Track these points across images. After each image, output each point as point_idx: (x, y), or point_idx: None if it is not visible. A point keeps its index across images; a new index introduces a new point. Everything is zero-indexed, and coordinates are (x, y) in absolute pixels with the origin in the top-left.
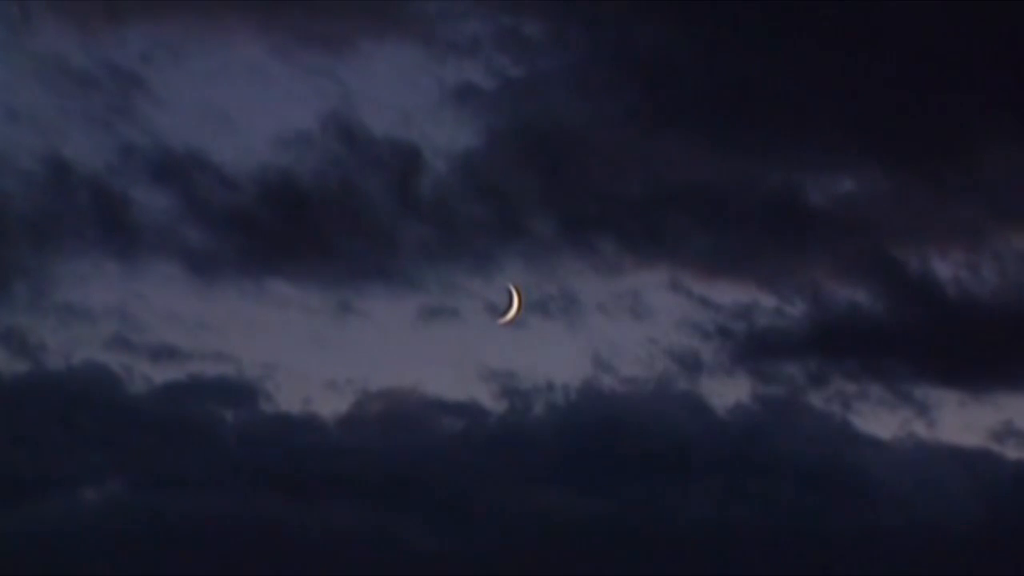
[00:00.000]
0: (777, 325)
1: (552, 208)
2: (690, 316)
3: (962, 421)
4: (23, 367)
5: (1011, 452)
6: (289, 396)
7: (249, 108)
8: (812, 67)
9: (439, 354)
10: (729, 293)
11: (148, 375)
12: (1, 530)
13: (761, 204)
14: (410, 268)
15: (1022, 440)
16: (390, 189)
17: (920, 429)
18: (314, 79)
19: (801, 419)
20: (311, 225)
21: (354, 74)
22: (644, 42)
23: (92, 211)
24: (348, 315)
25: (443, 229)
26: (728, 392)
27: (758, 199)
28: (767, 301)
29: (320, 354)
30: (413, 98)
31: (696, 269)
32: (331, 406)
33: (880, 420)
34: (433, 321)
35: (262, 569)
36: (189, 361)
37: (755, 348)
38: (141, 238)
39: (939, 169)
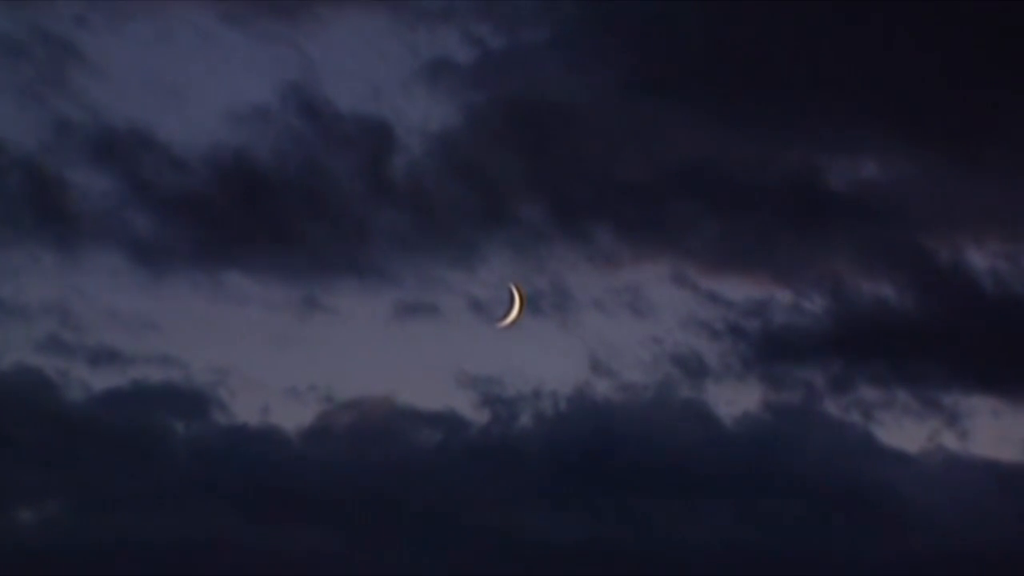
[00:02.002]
0: (794, 323)
1: (541, 193)
2: (696, 314)
3: (997, 432)
4: None
5: None
6: (246, 405)
7: (199, 80)
8: (831, 34)
9: (415, 357)
10: (740, 288)
11: (87, 381)
12: None
13: (775, 188)
14: (383, 260)
15: None
16: (359, 171)
17: (950, 441)
18: (271, 48)
19: (818, 430)
20: (270, 211)
21: (316, 42)
22: (641, 7)
23: (24, 196)
24: (313, 313)
25: (419, 216)
26: (736, 400)
27: (772, 182)
28: (782, 297)
29: (281, 357)
30: (382, 70)
31: (703, 261)
32: (293, 416)
33: (906, 431)
34: (409, 320)
35: None
36: (133, 365)
37: (768, 350)
38: (79, 226)
39: (973, 150)
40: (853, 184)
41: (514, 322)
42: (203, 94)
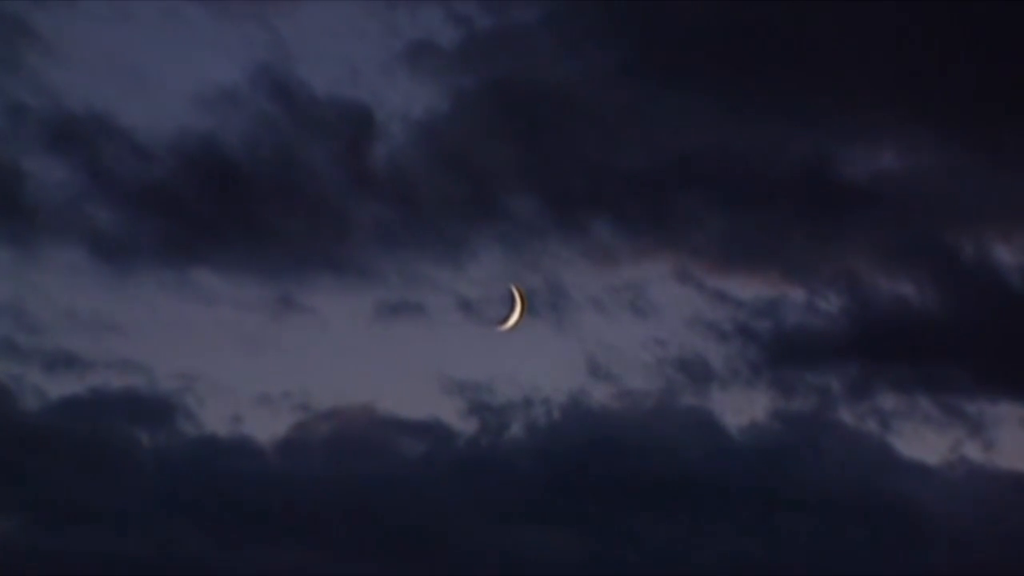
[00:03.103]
0: (807, 325)
1: (534, 184)
2: (701, 314)
3: None
4: None
5: None
6: (215, 414)
7: (163, 61)
8: (846, 13)
9: (398, 362)
10: (748, 286)
11: (43, 387)
12: None
13: (787, 178)
14: (363, 256)
15: None
16: (337, 160)
17: (974, 452)
18: (241, 26)
19: (832, 441)
20: (242, 203)
21: (289, 20)
22: None
23: None
24: (288, 314)
25: (402, 209)
26: (744, 407)
27: (783, 172)
28: (795, 296)
29: (253, 362)
30: (361, 50)
31: (708, 257)
32: (266, 426)
33: (926, 441)
34: (391, 321)
35: None
36: (92, 370)
37: (779, 353)
38: (35, 219)
39: (999, 137)
40: (871, 174)
41: (515, 326)
42: (168, 76)
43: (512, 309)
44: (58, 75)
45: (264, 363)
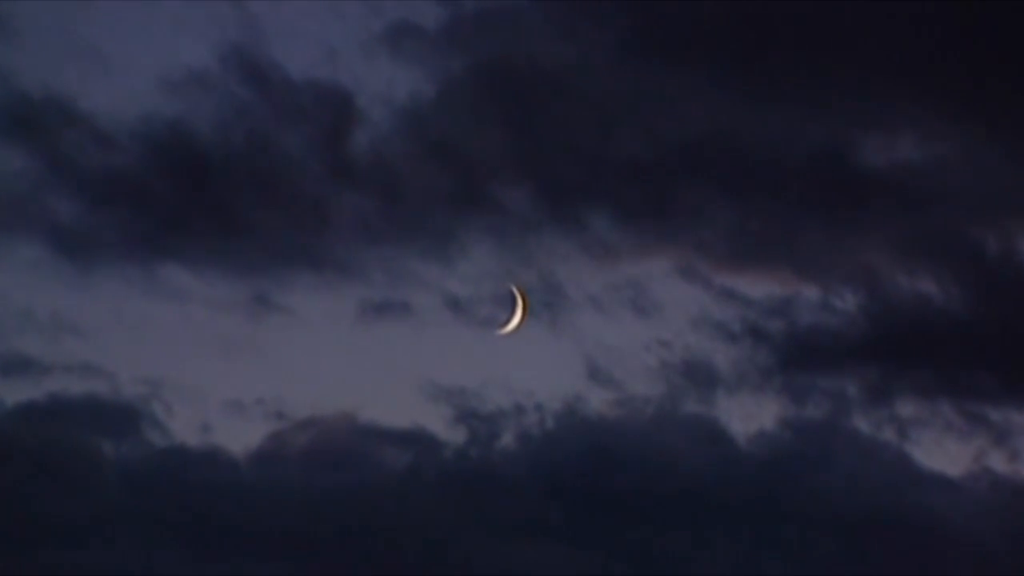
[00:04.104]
0: (821, 325)
1: (527, 174)
2: (708, 314)
3: None
4: None
5: None
6: (184, 422)
7: (127, 41)
8: None
9: (381, 366)
10: (759, 284)
11: None
12: None
13: (800, 168)
14: (344, 252)
15: None
16: (315, 148)
17: (998, 462)
18: (211, 4)
19: (847, 450)
20: (213, 195)
21: None
22: None
23: None
24: (264, 314)
25: (386, 201)
26: (753, 414)
27: (796, 161)
28: (808, 294)
29: (225, 366)
30: (340, 30)
31: (715, 253)
32: (239, 436)
33: (947, 451)
34: (374, 322)
35: None
36: (50, 375)
37: (791, 356)
38: None
39: None
40: (890, 164)
41: (516, 328)
42: (132, 58)
43: (513, 311)
44: (14, 56)
45: (237, 367)
